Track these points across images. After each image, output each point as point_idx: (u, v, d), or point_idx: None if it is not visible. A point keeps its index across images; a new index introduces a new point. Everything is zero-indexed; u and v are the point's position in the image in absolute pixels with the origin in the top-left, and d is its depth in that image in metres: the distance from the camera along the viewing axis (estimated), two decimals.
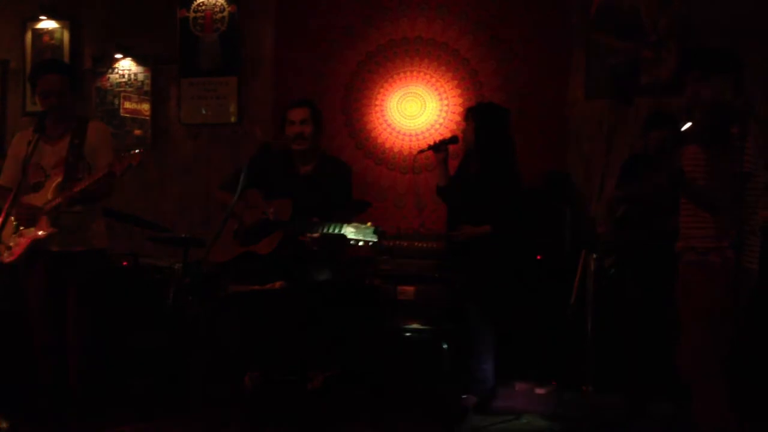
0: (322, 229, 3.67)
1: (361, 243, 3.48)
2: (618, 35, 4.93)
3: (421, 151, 4.41)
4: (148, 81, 5.94)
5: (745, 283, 2.90)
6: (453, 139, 4.32)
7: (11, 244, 3.57)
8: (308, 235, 3.74)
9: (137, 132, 5.95)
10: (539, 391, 4.39)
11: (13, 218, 3.54)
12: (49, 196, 3.55)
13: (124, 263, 4.70)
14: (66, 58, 5.97)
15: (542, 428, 3.88)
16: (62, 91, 3.65)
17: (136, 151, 3.49)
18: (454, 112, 5.26)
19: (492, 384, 4.12)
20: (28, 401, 3.61)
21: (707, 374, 2.89)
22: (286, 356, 4.26)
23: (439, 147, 4.25)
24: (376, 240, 3.46)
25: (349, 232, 3.52)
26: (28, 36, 6.17)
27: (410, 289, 4.41)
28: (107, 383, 4.01)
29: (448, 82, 5.31)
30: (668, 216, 3.32)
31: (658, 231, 3.57)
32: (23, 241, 3.54)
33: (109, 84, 6.02)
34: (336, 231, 3.60)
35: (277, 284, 3.81)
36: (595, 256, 2.96)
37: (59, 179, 3.57)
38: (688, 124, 2.95)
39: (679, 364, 2.96)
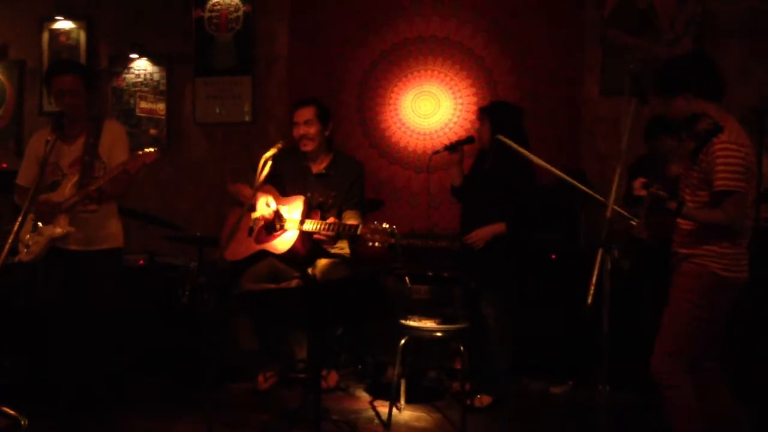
0: (338, 229, 3.74)
1: (377, 243, 3.49)
2: (633, 33, 4.90)
3: (437, 152, 4.35)
4: (163, 80, 5.98)
5: (725, 292, 2.88)
6: (469, 140, 4.28)
7: (30, 242, 3.60)
8: (323, 231, 3.78)
9: (153, 131, 5.99)
10: (554, 390, 4.38)
11: (32, 216, 3.58)
12: (66, 195, 3.57)
13: (140, 262, 4.74)
14: (82, 58, 6.04)
15: (556, 426, 3.88)
16: (77, 91, 3.67)
17: (151, 149, 3.50)
18: (468, 111, 5.24)
19: (507, 383, 4.11)
20: (44, 398, 3.63)
21: (673, 377, 2.87)
22: (301, 355, 4.27)
23: (455, 147, 4.23)
24: (393, 242, 3.47)
25: (364, 233, 3.56)
26: (45, 36, 6.23)
27: (425, 288, 4.41)
28: (122, 381, 4.03)
29: (462, 80, 5.30)
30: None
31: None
32: (41, 240, 3.57)
33: (125, 84, 6.06)
34: (351, 231, 3.66)
35: (293, 283, 3.82)
36: (610, 254, 2.94)
37: (75, 178, 3.59)
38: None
39: (652, 364, 2.94)
